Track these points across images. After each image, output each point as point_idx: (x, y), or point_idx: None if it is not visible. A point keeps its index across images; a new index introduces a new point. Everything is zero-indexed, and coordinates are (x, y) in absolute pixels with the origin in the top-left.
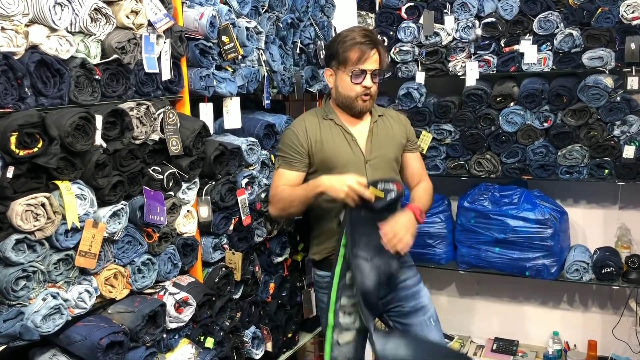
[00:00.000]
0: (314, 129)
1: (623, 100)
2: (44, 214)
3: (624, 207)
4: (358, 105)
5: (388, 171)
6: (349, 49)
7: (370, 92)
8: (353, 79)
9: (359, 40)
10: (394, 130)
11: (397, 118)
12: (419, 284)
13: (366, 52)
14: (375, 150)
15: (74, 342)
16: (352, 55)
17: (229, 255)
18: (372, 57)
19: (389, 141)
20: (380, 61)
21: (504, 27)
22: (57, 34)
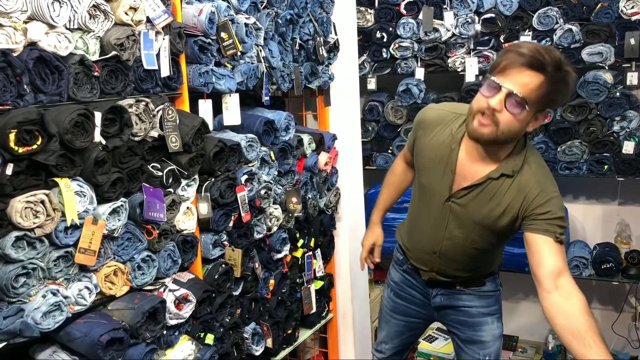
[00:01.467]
0: (431, 128)
1: (622, 95)
2: (44, 211)
3: (623, 203)
4: (471, 125)
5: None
6: (506, 52)
7: (493, 119)
8: (485, 89)
9: (520, 50)
10: (502, 199)
11: (525, 188)
12: (485, 317)
13: (516, 64)
14: (465, 199)
15: (74, 339)
16: (501, 61)
17: (229, 252)
18: (519, 74)
19: (488, 206)
20: (530, 87)
21: (503, 22)
22: (56, 30)
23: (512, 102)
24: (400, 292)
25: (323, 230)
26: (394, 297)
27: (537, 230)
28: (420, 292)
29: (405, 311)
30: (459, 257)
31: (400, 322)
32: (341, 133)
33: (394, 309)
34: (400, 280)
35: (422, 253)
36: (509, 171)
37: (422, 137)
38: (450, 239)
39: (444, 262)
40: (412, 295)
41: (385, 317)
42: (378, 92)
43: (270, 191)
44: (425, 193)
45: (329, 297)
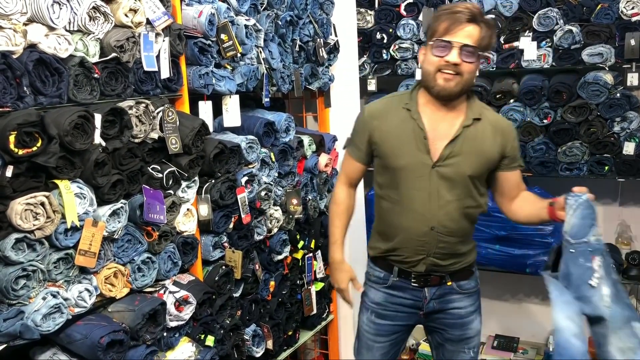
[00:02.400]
0: (383, 114)
1: (623, 96)
2: (44, 213)
3: (624, 204)
4: (437, 84)
5: (460, 186)
6: (439, 18)
7: (456, 70)
8: (435, 50)
9: (453, 9)
10: (486, 142)
11: (497, 125)
12: (472, 315)
13: (457, 22)
14: (450, 158)
15: (75, 341)
16: (441, 25)
17: (229, 254)
18: (463, 30)
19: (473, 153)
20: (475, 37)
21: (503, 23)
22: (56, 32)
23: (466, 53)
24: (384, 312)
25: (323, 231)
26: (375, 319)
27: (515, 167)
28: (411, 301)
29: (390, 330)
30: (454, 226)
31: (386, 344)
32: (341, 134)
33: (378, 331)
34: (382, 299)
35: (416, 239)
36: (477, 115)
37: (379, 126)
38: (443, 207)
39: (441, 237)
40: (398, 310)
41: (367, 343)
42: (378, 94)
43: (270, 193)
44: (403, 176)
45: (329, 299)
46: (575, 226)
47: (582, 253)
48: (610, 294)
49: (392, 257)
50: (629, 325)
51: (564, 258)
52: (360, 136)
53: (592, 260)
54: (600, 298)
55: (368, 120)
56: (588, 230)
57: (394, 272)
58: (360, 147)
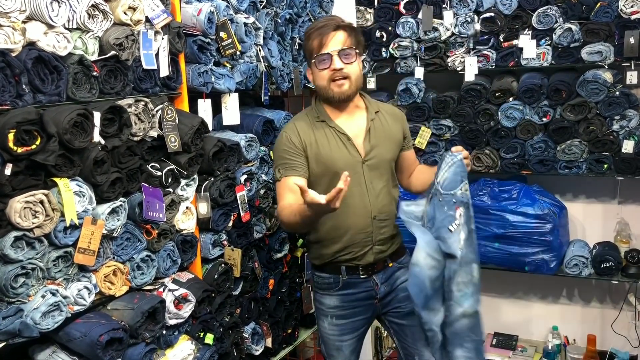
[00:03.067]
0: (307, 132)
1: (622, 94)
2: (43, 211)
3: (623, 202)
4: (334, 92)
5: (385, 171)
6: (310, 37)
7: (343, 74)
8: (319, 65)
9: (317, 27)
10: (392, 128)
11: (393, 113)
12: None
13: (324, 35)
14: (373, 150)
15: (74, 339)
16: (314, 43)
17: (228, 252)
18: (333, 39)
19: (387, 140)
20: (345, 40)
21: (502, 22)
22: (55, 30)
23: (344, 56)
24: (342, 312)
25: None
26: (337, 322)
27: (411, 146)
28: (364, 294)
29: (353, 327)
30: (388, 209)
31: (353, 340)
32: None
33: (342, 331)
34: (338, 302)
35: (362, 231)
36: (376, 108)
37: (308, 142)
38: (378, 195)
39: (381, 224)
40: (356, 307)
41: (334, 345)
42: (378, 92)
43: (269, 191)
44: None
45: None
46: (447, 180)
47: (447, 203)
48: (464, 239)
49: (340, 258)
50: (470, 265)
51: (432, 203)
52: (297, 155)
53: (456, 210)
54: (456, 240)
55: (297, 140)
56: (457, 185)
57: (342, 273)
58: (299, 164)
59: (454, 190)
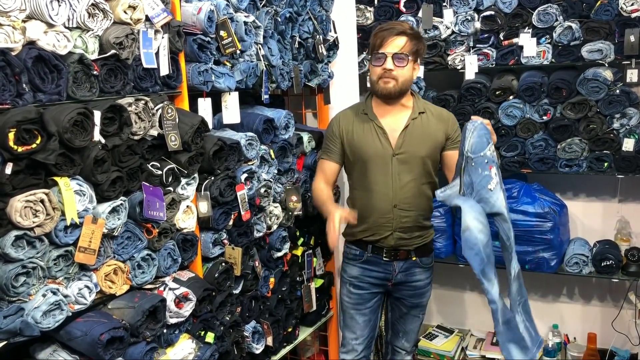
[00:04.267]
0: (348, 121)
1: (622, 93)
2: (43, 210)
3: (623, 200)
4: (379, 88)
5: (416, 167)
6: (375, 36)
7: (391, 75)
8: (373, 62)
9: (385, 28)
10: (432, 129)
11: (439, 115)
12: (427, 286)
13: (386, 37)
14: (405, 145)
15: (75, 338)
16: (376, 41)
17: (229, 251)
18: (392, 42)
19: (424, 139)
20: (404, 46)
21: (503, 20)
22: (55, 29)
23: (398, 59)
24: (359, 283)
25: (323, 228)
26: (353, 290)
27: (456, 146)
28: (382, 274)
29: (367, 298)
30: (413, 201)
31: (366, 311)
32: None
33: (356, 300)
34: (358, 273)
35: (383, 216)
36: (422, 109)
37: (347, 130)
38: (403, 187)
39: (403, 213)
40: (371, 282)
41: (349, 313)
42: None
43: (270, 190)
44: (369, 167)
45: (329, 295)
46: (474, 144)
47: (480, 164)
48: (504, 198)
49: (365, 238)
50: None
51: (466, 171)
52: (334, 141)
53: (490, 169)
54: (499, 198)
55: (337, 128)
56: (485, 146)
57: (368, 249)
58: (335, 150)
59: (483, 151)
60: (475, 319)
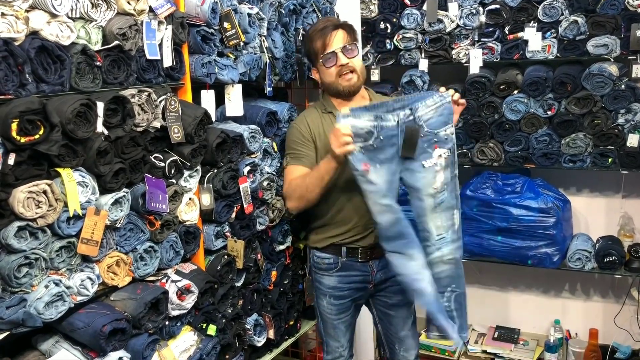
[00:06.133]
0: (316, 123)
1: (628, 88)
2: (46, 201)
3: (627, 196)
4: (342, 86)
5: None
6: (313, 40)
7: (349, 68)
8: (326, 64)
9: (318, 29)
10: None
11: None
12: None
13: (326, 35)
14: None
15: (77, 329)
16: (317, 45)
17: (231, 243)
18: (335, 37)
19: None
20: (345, 37)
21: (508, 14)
22: (58, 19)
23: (347, 51)
24: (339, 293)
25: None
26: (334, 301)
27: None
28: (361, 277)
29: (348, 305)
30: None
31: (347, 317)
32: None
33: (338, 310)
34: (336, 282)
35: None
36: (377, 99)
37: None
38: None
39: None
40: (351, 288)
41: (331, 324)
42: (382, 84)
43: (272, 183)
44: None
45: None
46: (431, 119)
47: (428, 140)
48: (444, 182)
49: (344, 240)
50: (452, 211)
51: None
52: (306, 145)
53: (434, 149)
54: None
55: (307, 130)
56: (440, 126)
57: (342, 254)
58: (307, 154)
59: (437, 130)
60: (477, 313)
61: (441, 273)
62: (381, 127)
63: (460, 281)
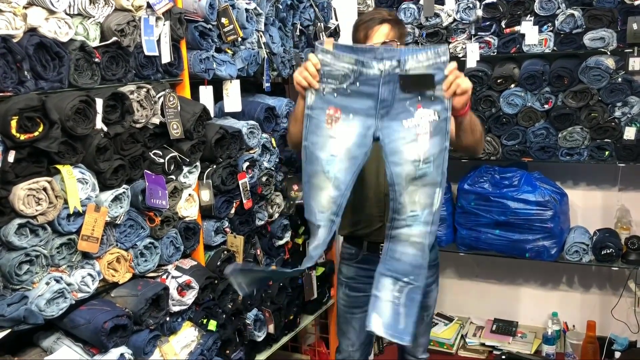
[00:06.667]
0: None
1: (624, 81)
2: (46, 199)
3: (623, 189)
4: None
5: None
6: (357, 29)
7: None
8: None
9: (365, 20)
10: None
11: None
12: (431, 285)
13: (370, 28)
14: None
15: (78, 326)
16: (359, 35)
17: (231, 239)
18: (377, 32)
19: None
20: (389, 33)
21: (504, 7)
22: (56, 16)
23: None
24: (355, 285)
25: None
26: (349, 292)
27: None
28: None
29: (363, 301)
30: None
31: (362, 315)
32: None
33: (351, 304)
34: (354, 273)
35: (373, 206)
36: None
37: None
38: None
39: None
40: (368, 283)
41: (344, 317)
42: None
43: (271, 178)
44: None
45: (330, 284)
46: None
47: (411, 97)
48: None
49: (359, 232)
50: (433, 188)
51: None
52: None
53: (417, 108)
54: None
55: None
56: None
57: (363, 247)
58: None
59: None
60: (475, 306)
61: (402, 256)
62: (360, 73)
63: (420, 274)
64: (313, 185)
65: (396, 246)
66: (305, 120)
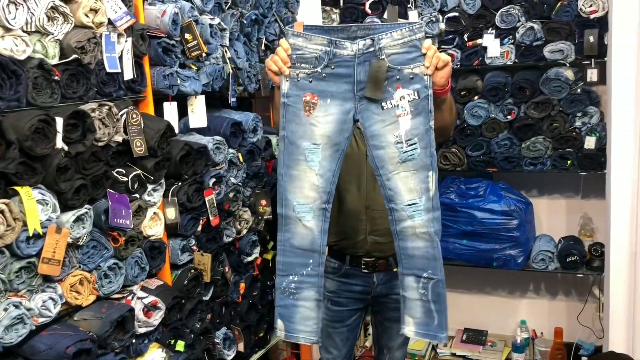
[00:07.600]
0: None
1: (583, 92)
2: (4, 221)
3: (586, 197)
4: None
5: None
6: None
7: None
8: None
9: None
10: None
11: None
12: None
13: None
14: None
15: (39, 352)
16: None
17: (198, 257)
18: None
19: None
20: None
21: (466, 21)
22: (12, 33)
23: None
24: (337, 299)
25: None
26: (331, 306)
27: None
28: (361, 287)
29: (345, 315)
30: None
31: (343, 329)
32: None
33: (334, 318)
34: (336, 287)
35: (355, 218)
36: None
37: None
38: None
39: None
40: (350, 297)
41: (326, 332)
42: None
43: (239, 194)
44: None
45: None
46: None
47: (389, 77)
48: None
49: (342, 244)
50: (425, 172)
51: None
52: None
53: (396, 89)
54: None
55: None
56: (407, 63)
57: (346, 261)
58: None
59: (400, 66)
60: None
61: (415, 250)
62: (334, 55)
63: (436, 265)
64: (292, 176)
65: (406, 243)
66: (281, 109)
